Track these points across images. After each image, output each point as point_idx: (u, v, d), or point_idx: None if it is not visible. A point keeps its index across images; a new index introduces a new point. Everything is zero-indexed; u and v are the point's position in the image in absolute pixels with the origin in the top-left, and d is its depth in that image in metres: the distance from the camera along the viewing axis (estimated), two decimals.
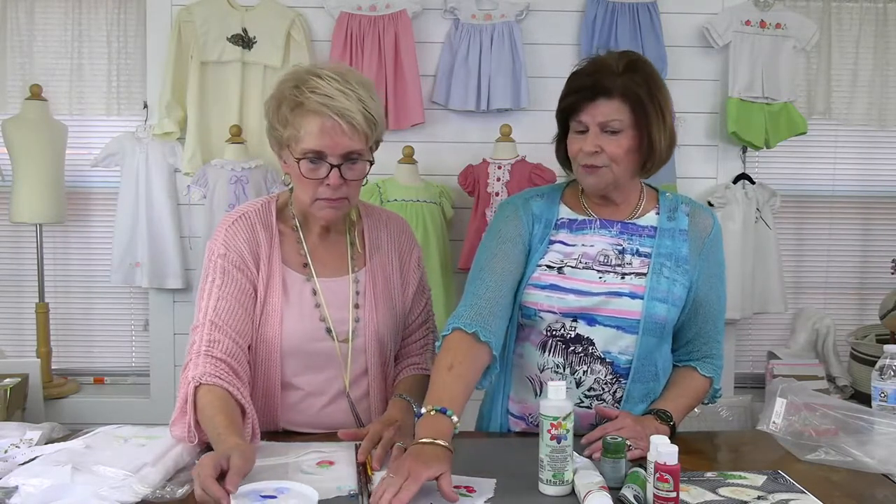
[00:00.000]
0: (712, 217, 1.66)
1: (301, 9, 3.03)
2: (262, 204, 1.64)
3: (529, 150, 2.89)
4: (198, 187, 2.94)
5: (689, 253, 1.60)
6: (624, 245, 1.59)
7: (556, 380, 1.53)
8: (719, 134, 3.13)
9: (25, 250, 3.25)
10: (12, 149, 3.00)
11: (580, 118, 1.53)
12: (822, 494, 1.29)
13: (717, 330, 1.66)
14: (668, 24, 3.05)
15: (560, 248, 1.60)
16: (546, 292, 1.57)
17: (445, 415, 1.34)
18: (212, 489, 1.18)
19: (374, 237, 1.69)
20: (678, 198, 1.67)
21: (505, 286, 1.56)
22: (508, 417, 1.67)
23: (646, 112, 1.50)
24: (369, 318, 1.62)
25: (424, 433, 1.31)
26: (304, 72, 1.52)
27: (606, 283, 1.56)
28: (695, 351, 1.66)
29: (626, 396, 1.58)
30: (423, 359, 1.74)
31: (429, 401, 1.38)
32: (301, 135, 1.48)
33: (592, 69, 1.54)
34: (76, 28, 3.12)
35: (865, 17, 3.14)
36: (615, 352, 1.56)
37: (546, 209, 1.64)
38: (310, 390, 1.59)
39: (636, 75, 1.51)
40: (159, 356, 3.15)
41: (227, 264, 1.56)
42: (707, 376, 1.64)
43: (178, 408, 1.47)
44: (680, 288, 1.58)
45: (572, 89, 1.55)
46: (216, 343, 1.49)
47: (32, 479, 1.24)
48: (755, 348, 3.36)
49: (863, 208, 3.36)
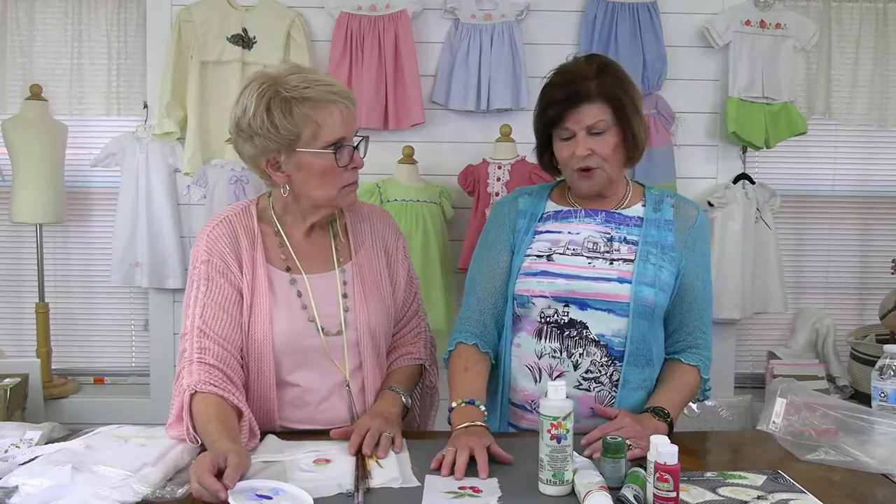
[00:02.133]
0: (697, 209, 1.74)
1: (301, 9, 3.02)
2: (242, 207, 1.65)
3: (529, 150, 2.82)
4: (198, 187, 2.94)
5: (674, 241, 1.67)
6: (612, 233, 1.67)
7: (554, 366, 1.62)
8: (719, 134, 3.13)
9: (25, 250, 3.24)
10: (12, 149, 3.00)
11: (566, 125, 1.62)
12: (822, 494, 1.29)
13: (703, 321, 1.69)
14: (668, 24, 3.05)
15: (547, 237, 1.69)
16: (537, 278, 1.64)
17: (474, 405, 1.55)
18: (208, 483, 1.19)
19: (357, 231, 1.70)
20: (663, 191, 1.76)
21: (495, 294, 1.70)
22: (510, 408, 1.71)
23: (624, 109, 1.61)
24: (360, 310, 1.62)
25: (461, 420, 1.50)
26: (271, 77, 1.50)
27: (596, 267, 1.63)
28: (680, 341, 1.69)
29: (623, 381, 1.61)
30: (416, 348, 1.75)
31: (456, 397, 1.58)
32: (322, 127, 1.49)
33: (566, 79, 1.64)
34: (76, 28, 3.12)
35: (865, 17, 3.14)
36: (608, 335, 1.61)
37: (532, 204, 1.75)
38: (306, 386, 1.60)
39: (607, 77, 1.61)
40: (159, 356, 3.15)
41: (210, 271, 1.56)
42: (692, 365, 1.66)
43: (173, 415, 1.48)
44: (667, 274, 1.63)
45: (553, 100, 1.64)
46: (206, 350, 1.49)
47: (32, 479, 1.24)
48: (755, 348, 3.36)
49: (863, 208, 3.36)
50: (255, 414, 1.53)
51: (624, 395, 1.61)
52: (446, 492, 1.28)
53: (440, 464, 1.38)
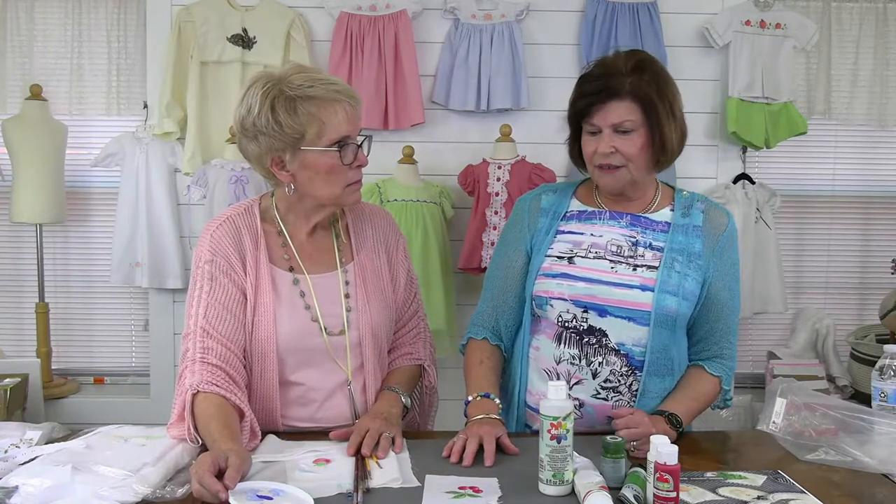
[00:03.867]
0: (728, 216, 1.68)
1: (301, 9, 3.02)
2: (244, 207, 1.64)
3: (529, 149, 2.89)
4: (198, 187, 2.94)
5: (702, 249, 1.62)
6: (638, 237, 1.62)
7: (573, 372, 1.60)
8: (719, 134, 3.13)
9: (25, 250, 3.25)
10: (12, 149, 3.00)
11: (592, 120, 1.57)
12: (822, 494, 1.29)
13: (730, 330, 1.66)
14: (668, 24, 3.05)
15: (569, 237, 1.65)
16: (557, 280, 1.61)
17: (489, 398, 1.57)
18: (209, 483, 1.19)
19: (359, 231, 1.70)
20: (694, 195, 1.70)
21: (509, 293, 1.69)
22: (526, 411, 1.69)
23: (656, 110, 1.55)
24: (362, 310, 1.62)
25: (476, 413, 1.53)
26: (275, 77, 1.51)
27: (618, 273, 1.59)
28: (705, 350, 1.66)
29: (643, 390, 1.58)
30: (415, 348, 1.75)
31: (472, 390, 1.61)
32: (327, 125, 1.49)
33: (601, 72, 1.58)
34: (76, 28, 3.12)
35: (865, 17, 3.14)
36: (629, 344, 1.58)
37: (556, 202, 1.71)
38: (309, 385, 1.60)
39: (644, 75, 1.55)
40: (159, 356, 3.15)
41: (214, 270, 1.56)
42: (715, 375, 1.64)
43: (175, 415, 1.48)
44: (692, 283, 1.59)
45: (583, 93, 1.59)
46: (209, 350, 1.50)
47: (32, 479, 1.24)
48: (755, 348, 3.35)
49: (863, 208, 3.35)
50: (258, 413, 1.53)
51: (643, 405, 1.58)
52: (446, 492, 1.28)
53: (450, 451, 1.42)
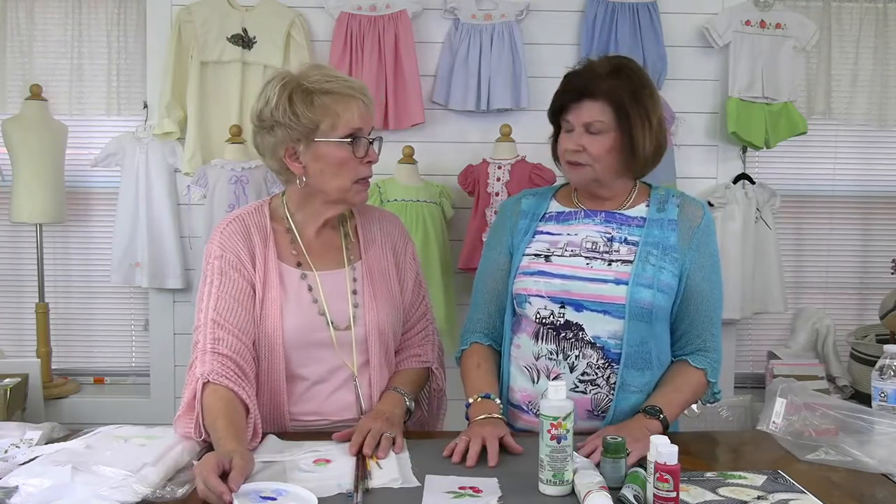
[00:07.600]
0: (703, 209, 1.71)
1: (301, 9, 3.02)
2: (254, 207, 1.69)
3: (529, 150, 2.88)
4: (198, 187, 2.94)
5: (677, 242, 1.64)
6: (613, 233, 1.66)
7: (551, 367, 1.62)
8: (719, 134, 3.13)
9: (25, 250, 3.24)
10: (12, 149, 3.00)
11: (567, 118, 1.65)
12: (822, 494, 1.29)
13: (712, 322, 1.67)
14: (668, 24, 3.04)
15: (546, 237, 1.70)
16: (534, 278, 1.65)
17: (490, 399, 1.60)
18: (214, 485, 1.20)
19: (367, 232, 1.73)
20: (669, 191, 1.74)
21: (497, 296, 1.73)
22: (510, 409, 1.70)
23: (628, 115, 1.59)
24: (368, 307, 1.64)
25: (477, 413, 1.56)
26: (293, 73, 1.58)
27: (593, 268, 1.62)
28: (688, 344, 1.67)
29: (621, 383, 1.60)
30: (423, 350, 1.76)
31: (472, 392, 1.64)
32: (341, 118, 1.53)
33: (581, 72, 1.65)
34: (76, 28, 3.12)
35: (865, 17, 3.13)
36: (604, 336, 1.60)
37: (535, 205, 1.76)
38: (315, 379, 1.62)
39: (620, 79, 1.60)
40: (159, 356, 3.15)
41: (224, 265, 1.59)
42: (699, 368, 1.64)
43: (184, 403, 1.50)
44: (668, 275, 1.61)
45: (562, 90, 1.67)
46: (220, 340, 1.52)
47: (32, 479, 1.24)
48: (755, 348, 3.35)
49: (863, 208, 3.35)
50: (266, 407, 1.56)
51: (622, 399, 1.60)
52: (446, 492, 1.28)
53: (452, 451, 1.43)
